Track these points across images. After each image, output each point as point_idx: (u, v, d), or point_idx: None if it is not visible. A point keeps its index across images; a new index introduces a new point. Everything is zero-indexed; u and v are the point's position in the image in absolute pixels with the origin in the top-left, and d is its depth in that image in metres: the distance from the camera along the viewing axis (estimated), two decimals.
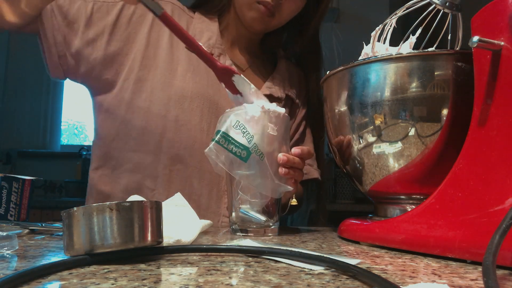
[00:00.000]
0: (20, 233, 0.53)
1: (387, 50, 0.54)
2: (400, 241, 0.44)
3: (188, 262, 0.36)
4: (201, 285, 0.27)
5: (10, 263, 0.34)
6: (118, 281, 0.28)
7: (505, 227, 0.29)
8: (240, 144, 0.55)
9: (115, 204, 0.34)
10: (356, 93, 0.52)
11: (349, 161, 0.56)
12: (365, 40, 0.58)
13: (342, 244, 0.51)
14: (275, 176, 0.56)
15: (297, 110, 0.90)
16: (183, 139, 0.74)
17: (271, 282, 0.29)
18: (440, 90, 0.47)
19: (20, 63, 2.90)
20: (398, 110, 0.48)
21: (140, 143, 0.74)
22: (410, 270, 0.34)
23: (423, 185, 0.50)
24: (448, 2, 0.49)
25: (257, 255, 0.38)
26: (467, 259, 0.37)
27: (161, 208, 0.38)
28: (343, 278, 0.30)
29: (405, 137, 0.48)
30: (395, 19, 0.54)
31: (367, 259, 0.40)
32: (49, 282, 0.28)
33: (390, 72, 0.49)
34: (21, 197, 0.67)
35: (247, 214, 0.57)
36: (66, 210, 0.34)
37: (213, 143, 0.56)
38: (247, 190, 0.56)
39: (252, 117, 0.55)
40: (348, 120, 0.54)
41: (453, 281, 0.30)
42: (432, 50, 0.49)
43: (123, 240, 0.34)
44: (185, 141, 0.74)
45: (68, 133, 3.44)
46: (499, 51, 0.39)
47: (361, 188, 0.57)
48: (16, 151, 2.79)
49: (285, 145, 0.59)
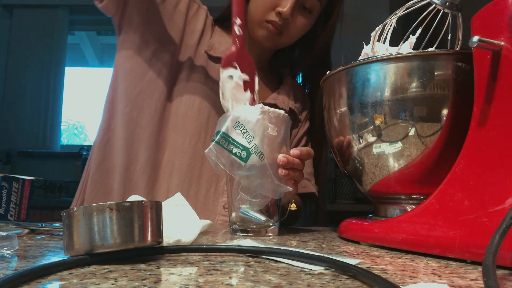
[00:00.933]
0: (20, 233, 0.53)
1: (387, 50, 0.54)
2: (400, 241, 0.44)
3: (188, 262, 0.36)
4: (201, 285, 0.27)
5: (10, 263, 0.34)
6: (118, 281, 0.28)
7: (505, 227, 0.29)
8: (240, 144, 0.55)
9: (115, 204, 0.34)
10: (356, 93, 0.52)
11: (349, 161, 0.56)
12: (365, 40, 0.58)
13: (342, 244, 0.51)
14: (275, 177, 0.56)
15: (299, 125, 0.92)
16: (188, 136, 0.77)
17: (271, 282, 0.29)
18: (440, 90, 0.47)
19: (20, 63, 2.91)
20: (398, 110, 0.48)
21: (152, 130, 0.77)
22: (410, 270, 0.34)
23: (423, 185, 0.50)
24: (448, 2, 0.49)
25: (257, 255, 0.38)
26: (467, 259, 0.37)
27: (161, 208, 0.38)
28: (343, 278, 0.30)
29: (405, 137, 0.48)
30: (395, 19, 0.54)
31: (367, 259, 0.40)
32: (49, 282, 0.28)
33: (390, 72, 0.49)
34: (21, 197, 0.67)
35: (247, 214, 0.57)
36: (66, 210, 0.34)
37: (213, 144, 0.56)
38: (247, 190, 0.56)
39: (252, 117, 0.55)
40: (348, 120, 0.54)
41: (453, 281, 0.30)
42: (432, 50, 0.49)
43: (123, 240, 0.34)
44: (189, 140, 0.77)
45: (68, 133, 3.44)
46: (499, 51, 0.39)
47: (361, 188, 0.57)
48: (16, 151, 2.79)
49: (285, 145, 0.59)
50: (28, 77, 2.89)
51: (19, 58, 2.91)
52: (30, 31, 2.94)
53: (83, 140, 3.50)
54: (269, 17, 0.77)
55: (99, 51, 3.66)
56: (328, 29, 0.86)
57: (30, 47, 2.92)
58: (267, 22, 0.78)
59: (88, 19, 3.20)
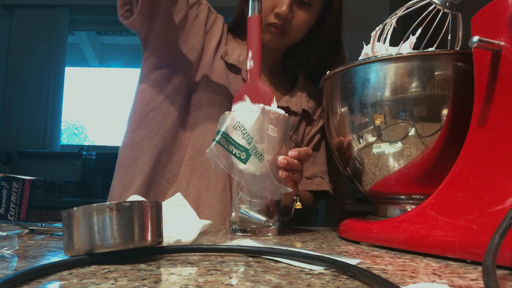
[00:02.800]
0: (20, 233, 0.53)
1: (387, 50, 0.54)
2: (400, 241, 0.44)
3: (188, 262, 0.36)
4: (201, 285, 0.27)
5: (10, 263, 0.34)
6: (118, 281, 0.28)
7: (505, 227, 0.29)
8: (240, 145, 0.55)
9: (115, 204, 0.34)
10: (356, 93, 0.52)
11: (349, 161, 0.56)
12: (365, 40, 0.58)
13: (342, 244, 0.50)
14: (274, 178, 0.56)
15: (313, 123, 0.93)
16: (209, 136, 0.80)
17: (271, 282, 0.29)
18: (440, 90, 0.47)
19: (20, 63, 2.90)
20: (398, 110, 0.48)
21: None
22: (410, 270, 0.34)
23: (423, 185, 0.50)
24: (448, 2, 0.49)
25: (257, 255, 0.38)
26: (467, 259, 0.37)
27: (161, 208, 0.38)
28: (343, 278, 0.30)
29: (405, 137, 0.48)
30: (395, 19, 0.54)
31: (367, 259, 0.40)
32: (49, 282, 0.28)
33: (390, 72, 0.49)
34: (21, 197, 0.67)
35: (247, 214, 0.57)
36: (66, 210, 0.34)
37: (214, 144, 0.56)
38: (247, 190, 0.56)
39: (252, 118, 0.55)
40: (348, 120, 0.54)
41: (453, 281, 0.30)
42: (432, 50, 0.49)
43: (123, 240, 0.34)
44: (209, 138, 0.79)
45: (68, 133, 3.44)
46: (499, 51, 0.39)
47: (361, 188, 0.57)
48: (16, 151, 2.79)
49: (285, 146, 0.59)
50: (28, 77, 2.88)
51: (19, 58, 2.91)
52: (30, 31, 2.94)
53: (83, 140, 3.49)
54: (269, 20, 0.79)
55: (99, 51, 3.66)
56: (334, 13, 0.85)
57: (30, 47, 2.91)
58: (268, 25, 0.79)
59: (88, 19, 3.20)
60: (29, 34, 2.94)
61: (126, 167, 0.80)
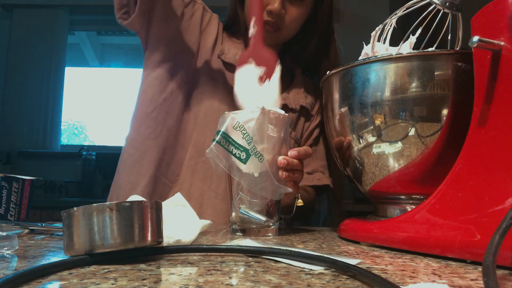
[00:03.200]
0: (20, 233, 0.53)
1: (387, 50, 0.54)
2: (400, 241, 0.44)
3: (188, 262, 0.36)
4: (201, 285, 0.27)
5: (10, 263, 0.34)
6: (118, 281, 0.28)
7: (505, 227, 0.29)
8: (240, 145, 0.55)
9: (115, 204, 0.34)
10: (356, 93, 0.52)
11: (349, 161, 0.56)
12: (365, 40, 0.58)
13: (342, 244, 0.50)
14: (274, 178, 0.56)
15: (311, 118, 0.93)
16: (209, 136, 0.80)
17: (271, 282, 0.29)
18: (440, 90, 0.47)
19: (20, 63, 2.90)
20: (398, 110, 0.48)
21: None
22: (410, 270, 0.34)
23: (423, 185, 0.50)
24: (448, 2, 0.49)
25: (257, 255, 0.38)
26: (467, 259, 0.37)
27: (161, 208, 0.38)
28: (343, 278, 0.30)
29: (405, 137, 0.48)
30: (395, 19, 0.54)
31: (367, 259, 0.40)
32: (49, 282, 0.28)
33: (390, 72, 0.49)
34: (21, 197, 0.67)
35: (247, 214, 0.57)
36: (66, 210, 0.34)
37: (214, 144, 0.56)
38: (247, 190, 0.56)
39: (252, 118, 0.55)
40: (348, 120, 0.54)
41: (453, 281, 0.30)
42: (432, 50, 0.49)
43: (123, 240, 0.34)
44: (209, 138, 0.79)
45: (68, 133, 3.44)
46: (499, 51, 0.39)
47: (361, 188, 0.57)
48: (16, 151, 2.79)
49: (285, 146, 0.59)
50: (28, 77, 2.88)
51: (19, 58, 2.91)
52: (30, 31, 2.94)
53: (83, 140, 3.49)
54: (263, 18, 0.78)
55: (99, 51, 3.66)
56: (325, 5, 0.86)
57: (30, 47, 2.91)
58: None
59: (88, 19, 3.20)
60: (29, 34, 2.94)
61: (131, 166, 0.80)
